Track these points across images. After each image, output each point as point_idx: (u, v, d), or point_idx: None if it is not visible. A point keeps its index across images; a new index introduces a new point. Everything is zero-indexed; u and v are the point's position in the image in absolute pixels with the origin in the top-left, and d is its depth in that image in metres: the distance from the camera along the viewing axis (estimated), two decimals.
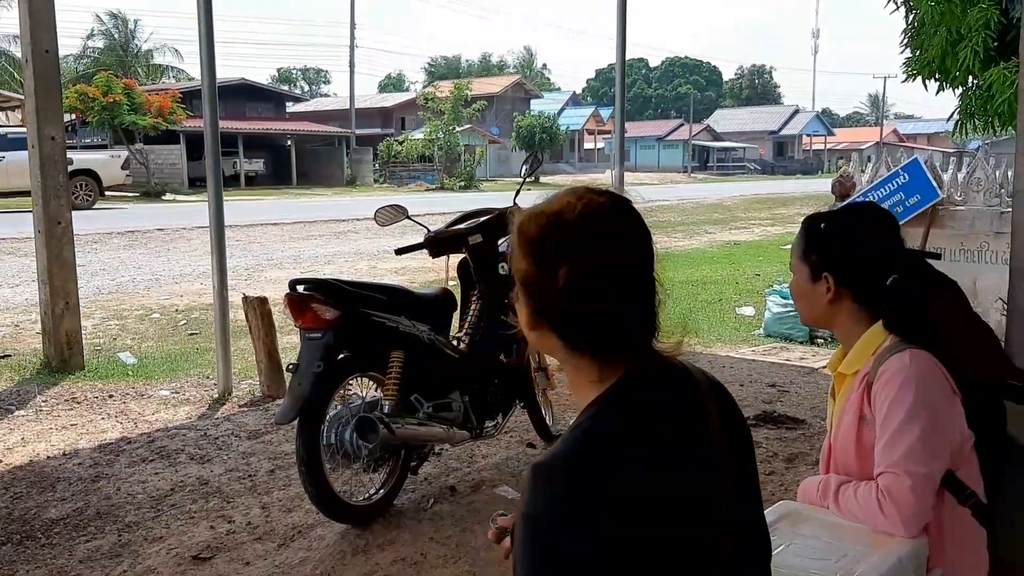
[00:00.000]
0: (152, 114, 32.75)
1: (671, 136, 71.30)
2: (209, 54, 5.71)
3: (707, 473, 1.25)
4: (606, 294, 1.25)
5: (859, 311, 2.10)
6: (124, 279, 11.92)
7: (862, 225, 2.16)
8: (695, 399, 1.31)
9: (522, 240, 1.30)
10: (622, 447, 1.20)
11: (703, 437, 1.28)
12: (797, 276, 2.18)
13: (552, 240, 1.27)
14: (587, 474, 1.17)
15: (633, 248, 1.28)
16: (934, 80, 8.15)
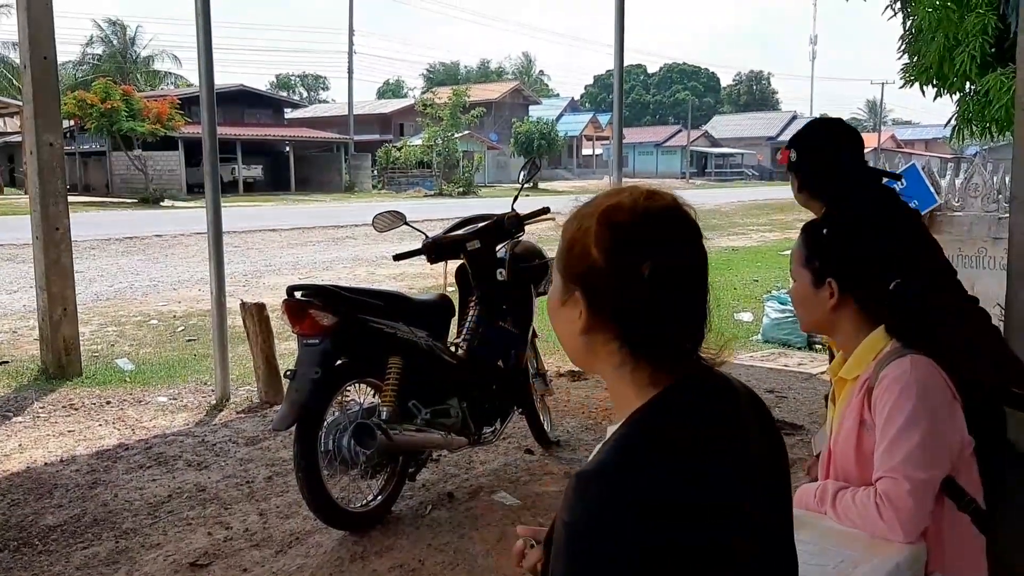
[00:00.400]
0: (150, 120, 32.83)
1: (669, 142, 71.39)
2: (207, 60, 5.72)
3: (744, 486, 1.23)
4: (678, 294, 1.23)
5: (861, 317, 2.10)
6: (122, 285, 11.91)
7: (865, 230, 2.16)
8: (736, 411, 1.29)
9: (602, 231, 1.24)
10: (663, 456, 1.18)
11: (742, 450, 1.26)
12: (799, 282, 2.17)
13: (638, 232, 1.23)
14: (626, 482, 1.15)
15: (699, 250, 1.27)
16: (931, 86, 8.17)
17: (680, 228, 1.25)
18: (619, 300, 1.24)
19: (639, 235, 1.23)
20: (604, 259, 1.24)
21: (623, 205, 1.25)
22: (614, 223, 1.25)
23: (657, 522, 1.13)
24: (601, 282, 1.25)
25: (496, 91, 61.51)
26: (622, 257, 1.23)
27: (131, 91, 34.91)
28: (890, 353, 2.02)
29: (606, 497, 1.14)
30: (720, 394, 1.28)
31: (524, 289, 4.61)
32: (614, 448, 1.21)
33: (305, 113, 59.10)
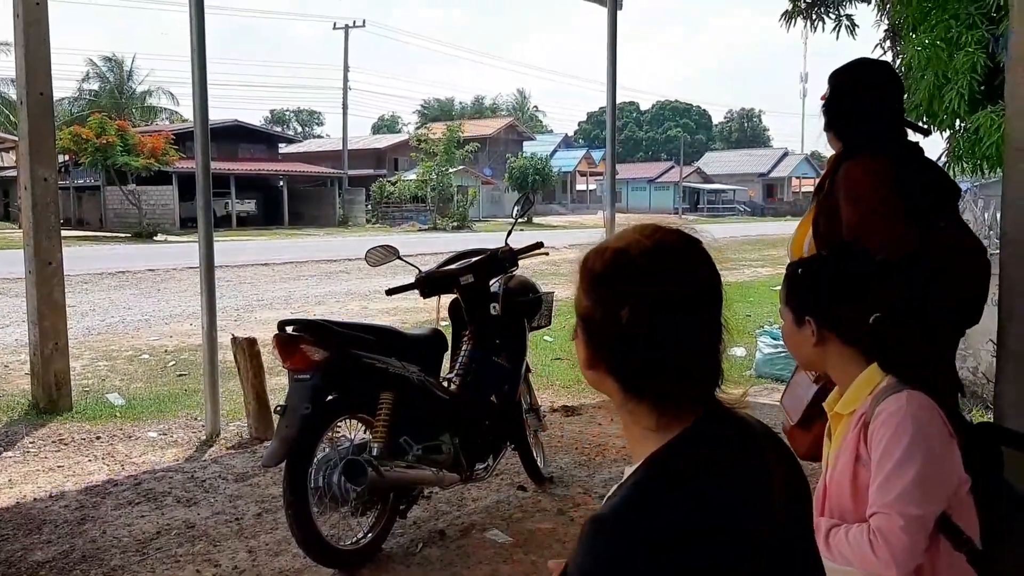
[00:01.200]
0: (145, 155, 32.93)
1: (662, 178, 71.85)
2: (202, 95, 5.74)
3: (766, 527, 1.20)
4: (670, 337, 1.19)
5: (847, 352, 2.10)
6: (114, 320, 11.87)
7: (837, 267, 2.18)
8: (758, 455, 1.25)
9: (585, 275, 1.25)
10: (678, 499, 1.15)
11: (762, 490, 1.22)
12: (784, 322, 2.21)
13: (616, 277, 1.22)
14: (641, 526, 1.13)
15: (701, 289, 1.22)
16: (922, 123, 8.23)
17: (678, 267, 1.22)
18: (604, 344, 1.23)
19: (620, 279, 1.22)
20: (589, 304, 1.25)
21: (612, 247, 1.24)
22: (591, 269, 1.25)
23: (673, 568, 1.11)
24: (592, 326, 1.25)
25: (490, 127, 61.91)
26: (602, 302, 1.23)
27: (126, 126, 35.05)
28: (886, 388, 2.01)
29: (620, 542, 1.12)
30: (738, 435, 1.25)
31: (518, 323, 4.60)
32: (629, 491, 1.18)
33: (299, 148, 59.34)
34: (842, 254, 2.27)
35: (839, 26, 8.66)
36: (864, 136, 2.83)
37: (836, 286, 2.13)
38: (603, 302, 1.22)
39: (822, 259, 2.31)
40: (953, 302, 2.70)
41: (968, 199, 7.94)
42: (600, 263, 1.24)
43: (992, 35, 6.84)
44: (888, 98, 2.87)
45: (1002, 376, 3.14)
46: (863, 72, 2.93)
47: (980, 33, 6.94)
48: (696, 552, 1.12)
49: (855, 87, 2.91)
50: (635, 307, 1.19)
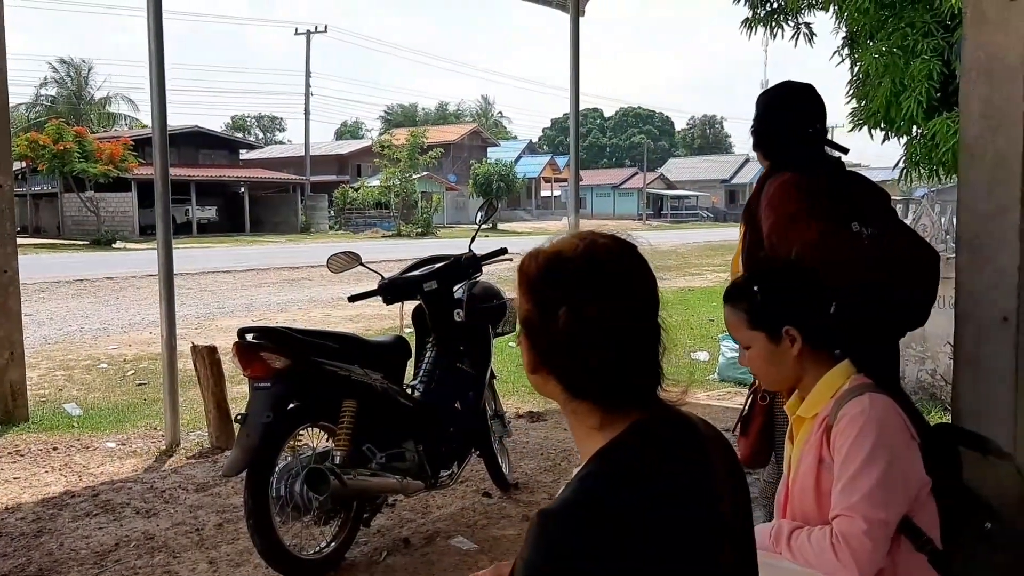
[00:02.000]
0: (103, 162, 32.53)
1: (626, 184, 72.23)
2: (160, 101, 5.67)
3: (711, 525, 1.23)
4: (607, 338, 1.22)
5: (819, 354, 2.11)
6: (72, 329, 11.68)
7: (785, 271, 2.19)
8: (700, 450, 1.29)
9: (521, 279, 1.28)
10: (623, 492, 1.18)
11: (707, 490, 1.26)
12: (755, 347, 2.15)
13: (550, 279, 1.25)
14: (589, 522, 1.15)
15: (636, 291, 1.26)
16: (879, 129, 8.35)
17: (612, 270, 1.25)
18: (544, 346, 1.25)
19: (554, 281, 1.24)
20: (528, 307, 1.27)
21: (545, 251, 1.27)
22: (527, 272, 1.27)
23: (621, 559, 1.13)
24: (532, 329, 1.27)
25: (454, 133, 61.87)
26: (539, 306, 1.25)
27: (84, 132, 34.60)
28: (849, 391, 2.02)
29: (569, 534, 1.14)
30: (679, 432, 1.29)
31: (482, 330, 4.59)
32: (576, 486, 1.21)
33: (261, 154, 58.86)
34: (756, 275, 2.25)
35: (798, 34, 8.76)
36: (786, 154, 2.98)
37: (795, 287, 2.14)
38: (540, 305, 1.25)
39: (773, 270, 2.29)
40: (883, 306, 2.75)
41: (925, 205, 8.07)
42: (535, 266, 1.27)
43: (947, 43, 6.95)
44: (808, 118, 3.02)
45: (959, 378, 3.18)
46: (785, 94, 3.08)
47: (936, 41, 7.06)
48: (642, 543, 1.14)
49: (778, 109, 3.06)
50: (572, 308, 1.22)
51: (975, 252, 3.09)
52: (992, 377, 3.06)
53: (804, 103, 3.06)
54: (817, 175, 2.93)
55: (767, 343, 2.12)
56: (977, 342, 3.10)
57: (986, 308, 3.07)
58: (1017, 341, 3.02)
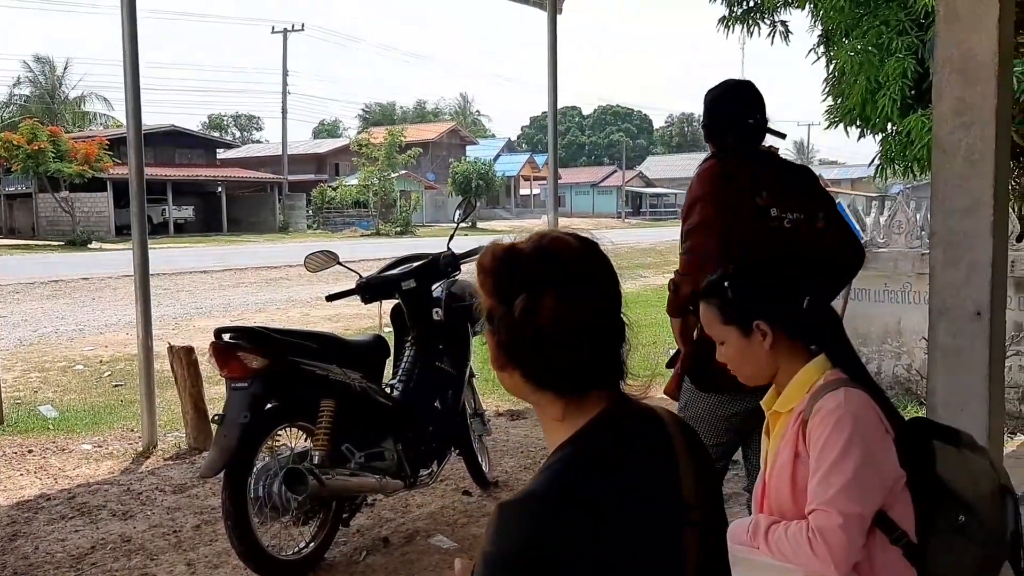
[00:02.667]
0: (78, 161, 32.23)
1: (605, 182, 72.33)
2: (135, 99, 5.62)
3: (676, 518, 1.24)
4: (564, 329, 1.23)
5: (794, 347, 2.12)
6: (47, 330, 11.57)
7: (757, 266, 2.20)
8: (665, 443, 1.30)
9: (480, 272, 1.29)
10: (592, 487, 1.18)
11: (673, 482, 1.27)
12: (728, 343, 2.15)
13: (507, 271, 1.26)
14: (557, 513, 1.15)
15: (596, 286, 1.27)
16: (855, 127, 8.41)
17: (570, 265, 1.26)
18: (505, 336, 1.26)
19: (511, 274, 1.25)
20: (488, 299, 1.28)
21: (504, 245, 1.29)
22: (484, 265, 1.29)
23: (586, 545, 1.13)
24: (493, 321, 1.27)
25: (433, 131, 61.72)
26: (499, 298, 1.26)
27: (58, 132, 34.25)
28: (824, 386, 2.03)
29: (528, 526, 1.14)
30: (643, 423, 1.30)
31: (461, 329, 4.58)
32: (537, 478, 1.22)
33: (238, 153, 58.46)
34: (726, 273, 2.26)
35: (774, 32, 8.81)
36: (728, 144, 3.16)
37: (766, 281, 2.15)
38: (499, 296, 1.26)
39: (745, 266, 2.29)
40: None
41: (900, 201, 8.13)
42: (491, 259, 1.28)
43: (921, 41, 7.01)
44: (748, 110, 3.17)
45: (933, 371, 3.21)
46: (727, 89, 3.26)
47: (910, 39, 7.11)
48: (606, 532, 1.15)
49: (720, 102, 3.23)
50: (528, 298, 1.23)
51: (949, 247, 3.11)
52: (966, 371, 3.08)
53: (743, 96, 3.21)
54: (740, 162, 3.10)
55: (739, 338, 2.13)
56: (950, 335, 3.12)
57: (960, 302, 3.09)
58: (991, 335, 3.05)
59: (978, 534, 2.04)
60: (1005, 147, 3.15)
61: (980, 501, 2.05)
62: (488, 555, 1.15)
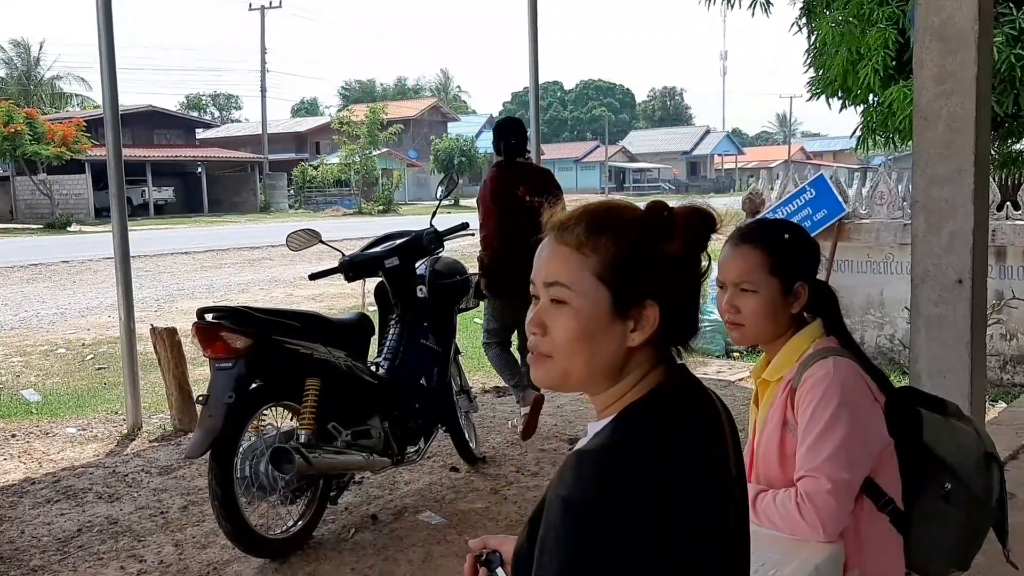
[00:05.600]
0: (55, 143, 31.86)
1: (588, 158, 72.18)
2: (111, 80, 5.55)
3: (725, 487, 1.27)
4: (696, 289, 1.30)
5: (801, 318, 2.11)
6: (27, 314, 11.48)
7: (803, 229, 2.18)
8: (716, 416, 1.32)
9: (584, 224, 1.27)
10: (660, 450, 1.20)
11: (722, 453, 1.29)
12: (760, 296, 2.05)
13: (620, 213, 1.28)
14: (642, 467, 1.17)
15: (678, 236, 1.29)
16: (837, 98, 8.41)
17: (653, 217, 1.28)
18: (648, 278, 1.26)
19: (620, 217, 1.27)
20: (609, 245, 1.26)
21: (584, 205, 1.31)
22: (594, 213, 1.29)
23: (647, 506, 1.15)
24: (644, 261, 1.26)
25: (414, 108, 61.38)
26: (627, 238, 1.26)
27: (35, 114, 33.84)
28: (813, 355, 2.03)
29: (613, 473, 1.16)
30: (699, 393, 1.32)
31: (446, 306, 4.57)
32: (616, 430, 1.23)
33: (217, 133, 57.96)
34: (783, 222, 2.26)
35: (755, 4, 8.78)
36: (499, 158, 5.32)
37: (813, 248, 2.15)
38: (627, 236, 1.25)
39: (787, 225, 2.23)
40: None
41: (882, 172, 8.16)
42: (594, 210, 1.28)
43: (902, 11, 7.01)
44: (510, 137, 5.21)
45: (916, 339, 3.23)
46: (499, 123, 5.39)
47: (891, 9, 7.11)
48: (673, 496, 1.17)
49: (495, 131, 5.34)
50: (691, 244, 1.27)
51: (931, 216, 3.13)
52: (948, 338, 3.11)
53: (508, 127, 5.27)
54: (507, 168, 5.22)
55: (778, 293, 2.05)
56: (932, 303, 3.14)
57: (942, 271, 3.11)
58: (972, 302, 3.07)
59: (963, 501, 2.06)
60: (986, 115, 3.15)
61: (966, 468, 2.07)
62: (566, 500, 1.16)
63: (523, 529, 1.35)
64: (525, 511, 2.48)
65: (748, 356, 7.71)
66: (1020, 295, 7.18)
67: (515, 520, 3.99)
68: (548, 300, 1.28)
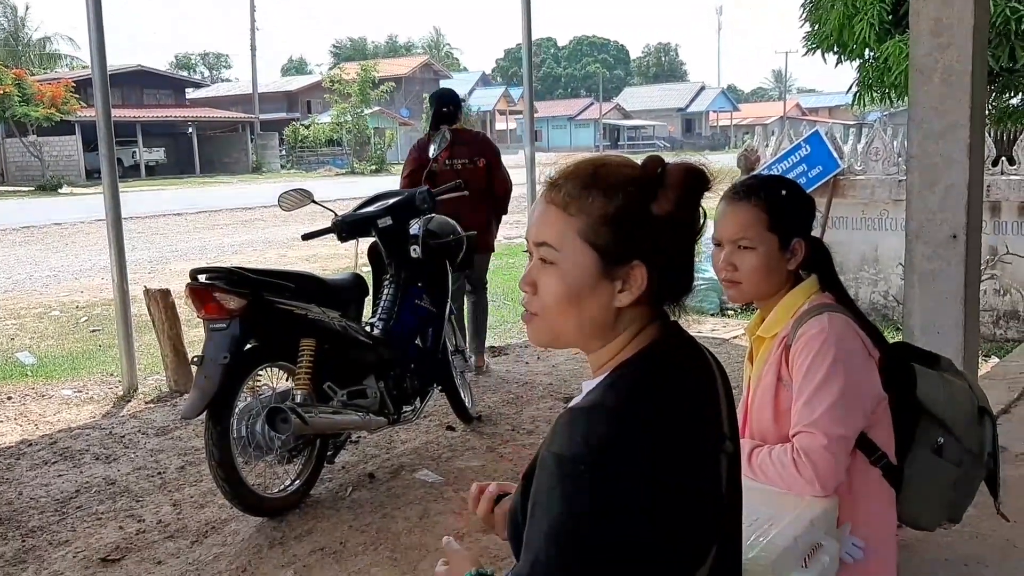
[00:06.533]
0: (45, 104, 31.58)
1: (582, 115, 71.75)
2: (99, 38, 5.47)
3: (717, 444, 1.27)
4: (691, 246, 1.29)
5: (798, 275, 2.11)
6: (21, 277, 11.45)
7: (799, 185, 2.17)
8: (709, 373, 1.32)
9: (576, 181, 1.26)
10: (654, 406, 1.20)
11: (715, 410, 1.30)
12: (759, 252, 2.05)
13: (611, 172, 1.26)
14: (634, 422, 1.17)
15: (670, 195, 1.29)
16: (833, 53, 8.34)
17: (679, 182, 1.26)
18: (643, 239, 1.25)
19: (612, 175, 1.25)
20: (601, 202, 1.25)
21: (603, 156, 1.30)
22: (585, 173, 1.27)
23: (640, 462, 1.15)
24: (631, 220, 1.25)
25: (406, 66, 60.78)
26: (613, 197, 1.24)
27: (23, 75, 33.50)
28: (808, 311, 2.03)
29: (605, 429, 1.16)
30: (693, 350, 1.33)
31: (440, 266, 4.56)
32: (609, 387, 1.23)
33: (208, 93, 57.38)
34: (779, 178, 2.24)
35: None
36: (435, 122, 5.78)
37: (810, 206, 2.14)
38: (615, 196, 1.24)
39: (784, 181, 2.21)
40: None
41: (877, 128, 8.12)
42: (584, 167, 1.27)
43: None
44: (441, 105, 5.73)
45: (910, 294, 3.24)
46: (434, 93, 5.94)
47: None
48: (663, 447, 1.18)
49: (431, 100, 5.93)
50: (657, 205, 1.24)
51: (926, 170, 3.11)
52: (942, 293, 3.11)
53: (441, 96, 5.80)
54: (434, 133, 5.62)
55: (775, 249, 2.05)
56: (926, 258, 3.15)
57: (936, 225, 3.11)
58: (966, 257, 3.07)
59: (956, 454, 2.07)
60: (982, 69, 3.13)
61: (958, 422, 2.08)
62: (558, 456, 1.16)
63: (517, 485, 1.36)
64: (521, 469, 2.56)
65: (742, 314, 7.73)
66: (1014, 251, 7.19)
67: (511, 477, 4.01)
68: (538, 259, 1.28)
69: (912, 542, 2.45)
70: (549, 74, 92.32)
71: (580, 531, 1.13)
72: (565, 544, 1.14)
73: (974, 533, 2.53)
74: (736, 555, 1.36)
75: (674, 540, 1.18)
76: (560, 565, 1.14)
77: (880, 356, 2.05)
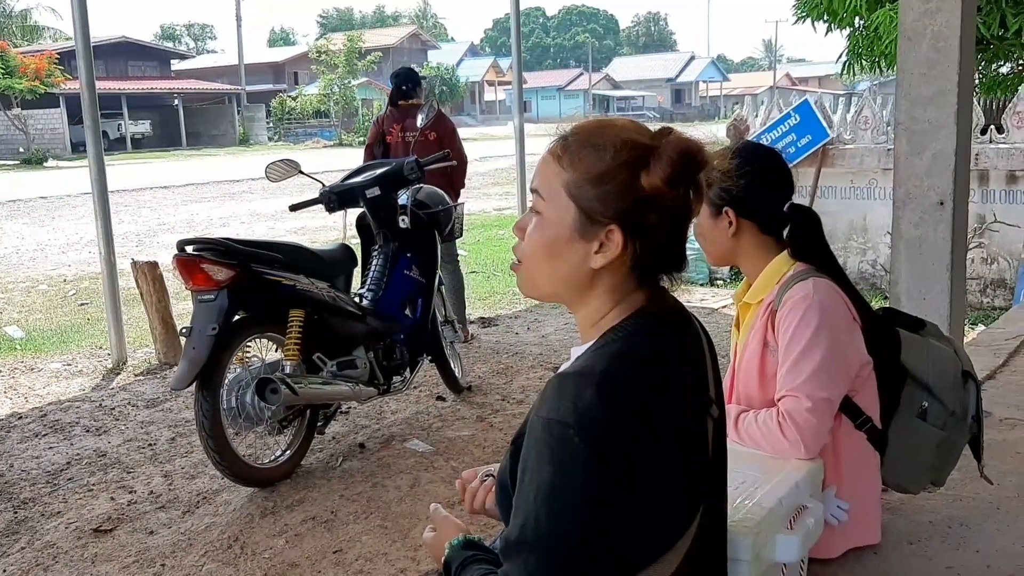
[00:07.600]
0: (28, 77, 31.25)
1: (571, 86, 71.37)
2: (82, 9, 5.41)
3: (703, 409, 1.28)
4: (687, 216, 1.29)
5: (762, 241, 2.11)
6: (7, 251, 11.39)
7: (752, 157, 2.16)
8: (695, 338, 1.33)
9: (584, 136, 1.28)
10: (641, 371, 1.21)
11: (701, 376, 1.31)
12: (700, 219, 2.14)
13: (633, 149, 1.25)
14: (621, 387, 1.18)
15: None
16: (823, 21, 8.31)
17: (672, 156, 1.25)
18: (627, 202, 1.24)
19: (634, 152, 1.24)
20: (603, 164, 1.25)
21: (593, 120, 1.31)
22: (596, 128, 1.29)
23: (628, 427, 1.16)
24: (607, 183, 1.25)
25: (393, 36, 60.29)
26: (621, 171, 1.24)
27: (5, 47, 33.12)
28: (793, 277, 2.05)
29: (592, 393, 1.17)
30: (679, 316, 1.33)
31: (428, 236, 4.55)
32: (603, 356, 1.23)
33: (193, 64, 56.88)
34: (754, 148, 2.25)
35: None
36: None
37: (754, 176, 2.13)
38: (604, 157, 1.23)
39: (734, 153, 2.24)
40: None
41: (867, 97, 8.11)
42: (588, 125, 1.29)
43: None
44: (400, 83, 5.95)
45: (896, 261, 3.25)
46: (396, 72, 6.17)
47: None
48: (650, 412, 1.19)
49: (392, 78, 6.14)
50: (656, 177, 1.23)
51: (913, 137, 3.12)
52: (928, 259, 3.13)
53: (401, 75, 6.03)
54: (394, 110, 5.96)
55: (708, 217, 2.12)
56: (913, 224, 3.16)
57: (923, 192, 3.11)
58: (953, 224, 3.08)
59: (940, 418, 2.10)
60: (971, 35, 3.12)
61: (943, 385, 2.10)
62: (546, 420, 1.17)
63: (506, 450, 1.37)
64: (511, 438, 2.56)
65: (731, 284, 7.75)
66: (1002, 219, 7.22)
67: (501, 446, 4.04)
68: (531, 207, 1.30)
69: (896, 505, 2.48)
70: (538, 44, 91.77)
71: (569, 494, 1.15)
72: (554, 507, 1.15)
73: (958, 496, 2.56)
74: (722, 517, 1.38)
75: (661, 502, 1.20)
76: (549, 528, 1.15)
77: (864, 321, 2.06)
